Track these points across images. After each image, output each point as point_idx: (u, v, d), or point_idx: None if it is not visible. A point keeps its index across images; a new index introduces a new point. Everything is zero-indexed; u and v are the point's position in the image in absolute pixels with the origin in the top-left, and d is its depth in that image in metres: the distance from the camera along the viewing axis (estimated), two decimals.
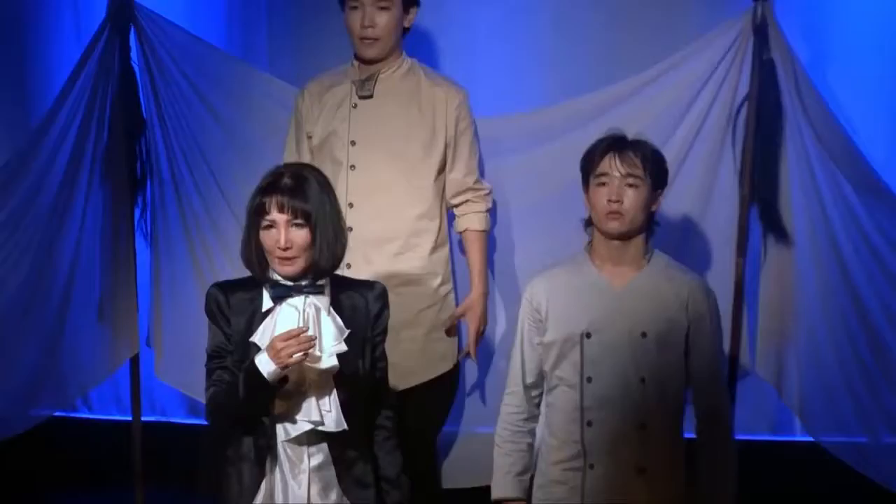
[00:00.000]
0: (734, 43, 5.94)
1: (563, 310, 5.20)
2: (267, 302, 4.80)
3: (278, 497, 4.89)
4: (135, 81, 6.19)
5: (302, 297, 4.78)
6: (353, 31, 5.70)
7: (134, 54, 6.18)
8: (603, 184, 5.13)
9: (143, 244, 6.29)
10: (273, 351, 4.59)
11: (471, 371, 6.10)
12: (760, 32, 5.87)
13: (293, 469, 4.89)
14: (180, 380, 6.26)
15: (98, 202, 6.13)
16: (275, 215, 4.70)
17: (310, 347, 4.62)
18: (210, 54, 6.34)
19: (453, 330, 5.79)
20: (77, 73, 6.16)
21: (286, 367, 4.62)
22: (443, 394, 5.85)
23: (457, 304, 5.83)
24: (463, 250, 5.84)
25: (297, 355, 4.57)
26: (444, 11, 6.13)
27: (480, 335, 5.81)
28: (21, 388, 5.99)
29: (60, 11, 6.76)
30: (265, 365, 4.61)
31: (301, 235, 4.72)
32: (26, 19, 6.80)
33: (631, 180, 5.11)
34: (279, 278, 4.79)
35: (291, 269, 4.73)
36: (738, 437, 5.55)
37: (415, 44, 5.91)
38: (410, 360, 5.62)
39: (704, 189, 6.04)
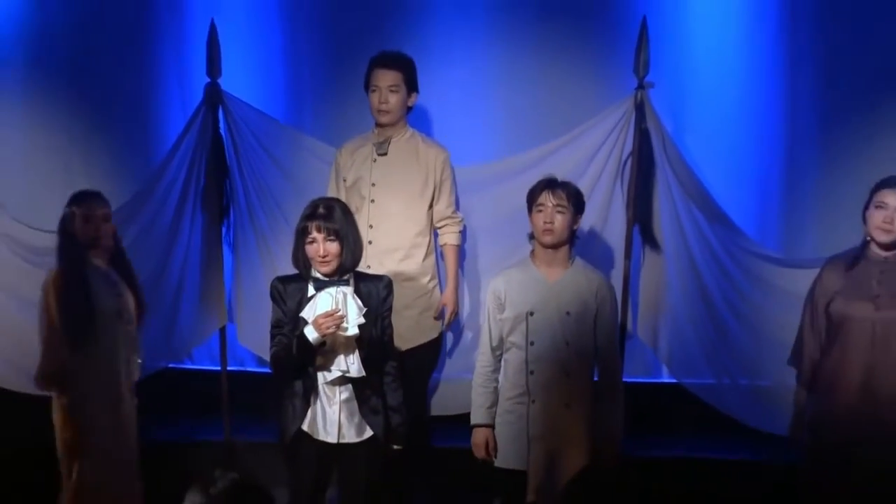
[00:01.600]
0: (623, 116, 5.89)
1: (515, 296, 5.23)
2: (311, 290, 4.90)
3: (319, 420, 4.97)
4: (222, 142, 6.10)
5: (334, 287, 4.87)
6: (373, 106, 5.71)
7: (221, 124, 6.09)
8: (540, 210, 5.17)
9: (228, 252, 6.25)
10: (316, 324, 4.74)
11: (449, 337, 6.06)
12: (640, 110, 5.84)
13: (329, 402, 4.96)
14: (254, 344, 6.22)
15: (198, 224, 6.09)
16: (314, 234, 4.83)
17: (340, 322, 4.74)
18: (272, 123, 6.27)
19: (438, 314, 5.79)
20: (183, 136, 6.12)
21: (325, 335, 4.75)
22: (432, 352, 5.85)
23: (440, 293, 5.81)
24: (444, 257, 5.83)
25: (332, 328, 4.72)
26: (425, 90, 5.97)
27: (454, 316, 5.85)
28: (147, 348, 5.87)
29: (171, 95, 6.68)
30: (310, 333, 4.76)
31: (333, 247, 4.84)
32: (149, 99, 6.72)
33: (559, 208, 5.15)
34: (318, 275, 4.88)
35: (328, 269, 4.85)
36: (626, 379, 5.58)
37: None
38: (410, 330, 5.62)
39: (603, 214, 5.99)
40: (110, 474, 5.33)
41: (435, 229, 5.78)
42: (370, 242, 5.53)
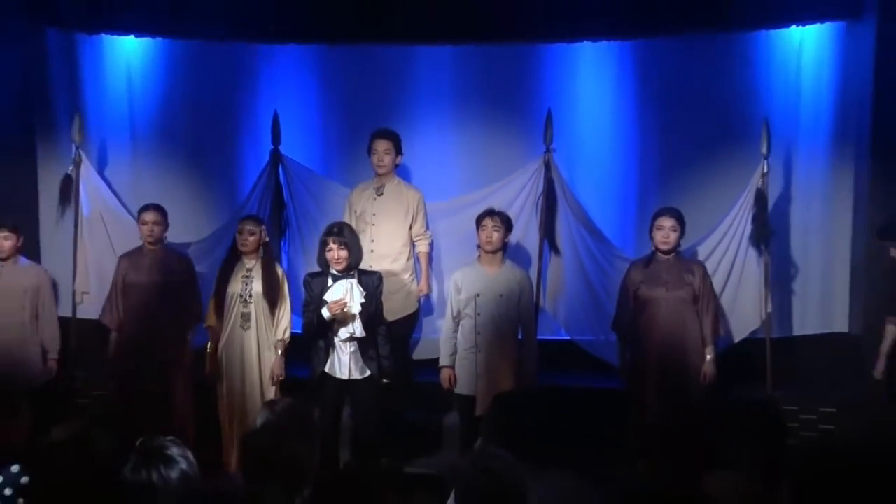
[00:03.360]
0: (536, 169, 5.87)
1: (468, 284, 5.25)
2: (329, 282, 4.91)
3: (335, 365, 4.96)
4: (281, 187, 6.05)
5: (345, 280, 4.87)
6: (373, 163, 5.69)
7: (281, 175, 6.06)
8: (484, 229, 5.20)
9: (284, 258, 6.11)
10: (328, 307, 4.81)
11: (424, 311, 5.97)
12: (547, 165, 5.81)
13: (342, 353, 4.95)
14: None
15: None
16: (331, 245, 4.86)
17: (344, 307, 4.79)
18: (312, 174, 6.21)
19: (416, 297, 5.76)
20: (256, 184, 6.08)
21: (333, 314, 4.81)
22: (411, 321, 5.80)
23: (417, 283, 5.76)
24: (418, 261, 5.80)
25: (338, 311, 4.79)
26: (410, 151, 5.96)
27: (425, 296, 5.81)
28: None
29: (247, 157, 6.56)
30: (325, 312, 4.81)
31: (343, 253, 4.86)
32: (233, 160, 6.60)
33: (496, 228, 5.19)
34: (334, 272, 4.89)
35: (340, 267, 4.87)
36: (539, 337, 5.53)
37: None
38: (397, 307, 5.57)
39: (524, 232, 5.92)
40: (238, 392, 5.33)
41: (413, 242, 5.74)
42: (372, 251, 5.49)
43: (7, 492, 3.22)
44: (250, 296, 5.27)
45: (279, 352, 5.30)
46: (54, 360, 5.45)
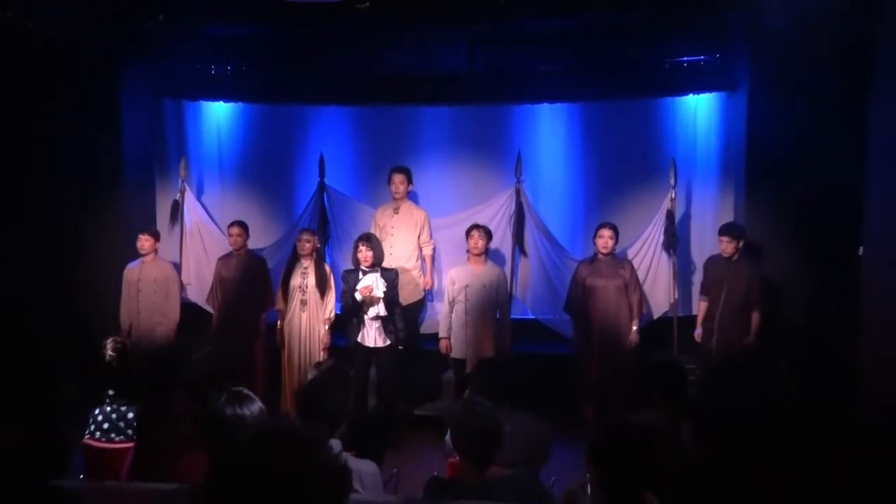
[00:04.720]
0: (510, 195, 5.76)
1: (460, 278, 5.20)
2: (360, 276, 4.81)
3: (364, 336, 4.89)
4: (325, 207, 5.96)
5: (371, 273, 4.79)
6: (391, 190, 5.62)
7: (325, 199, 5.96)
8: (472, 238, 5.13)
9: (328, 259, 5.97)
10: (360, 292, 4.70)
11: (429, 299, 5.87)
12: (518, 192, 5.72)
13: (369, 327, 4.89)
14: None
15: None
16: (362, 248, 4.79)
17: (371, 291, 4.69)
18: (348, 198, 6.10)
19: (422, 288, 5.67)
20: (307, 207, 5.96)
21: (364, 297, 4.70)
22: (419, 305, 5.71)
23: (423, 278, 5.65)
24: (425, 262, 5.69)
25: (367, 294, 4.68)
26: (418, 181, 5.88)
27: (430, 288, 5.71)
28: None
29: (300, 186, 6.46)
30: (357, 296, 4.70)
31: (370, 254, 4.79)
32: (290, 188, 6.53)
33: (481, 237, 5.14)
34: (363, 268, 4.81)
35: (367, 264, 4.79)
36: (512, 317, 5.48)
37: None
38: (409, 295, 5.48)
39: (502, 240, 5.81)
40: (298, 358, 5.25)
41: (420, 248, 5.67)
42: (391, 254, 5.41)
43: (121, 423, 3.24)
44: (307, 287, 5.25)
45: (326, 327, 5.28)
46: (173, 330, 5.52)
